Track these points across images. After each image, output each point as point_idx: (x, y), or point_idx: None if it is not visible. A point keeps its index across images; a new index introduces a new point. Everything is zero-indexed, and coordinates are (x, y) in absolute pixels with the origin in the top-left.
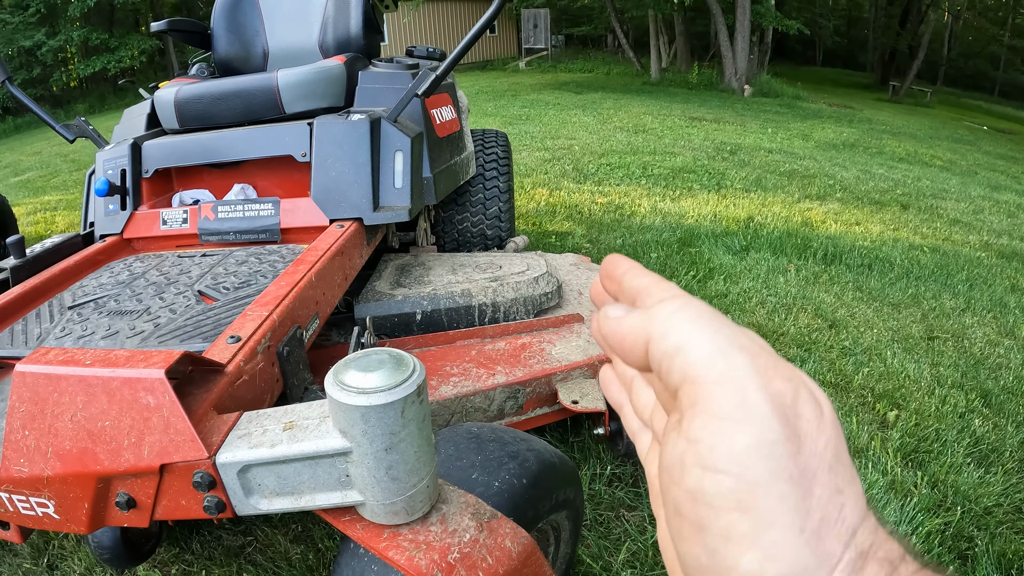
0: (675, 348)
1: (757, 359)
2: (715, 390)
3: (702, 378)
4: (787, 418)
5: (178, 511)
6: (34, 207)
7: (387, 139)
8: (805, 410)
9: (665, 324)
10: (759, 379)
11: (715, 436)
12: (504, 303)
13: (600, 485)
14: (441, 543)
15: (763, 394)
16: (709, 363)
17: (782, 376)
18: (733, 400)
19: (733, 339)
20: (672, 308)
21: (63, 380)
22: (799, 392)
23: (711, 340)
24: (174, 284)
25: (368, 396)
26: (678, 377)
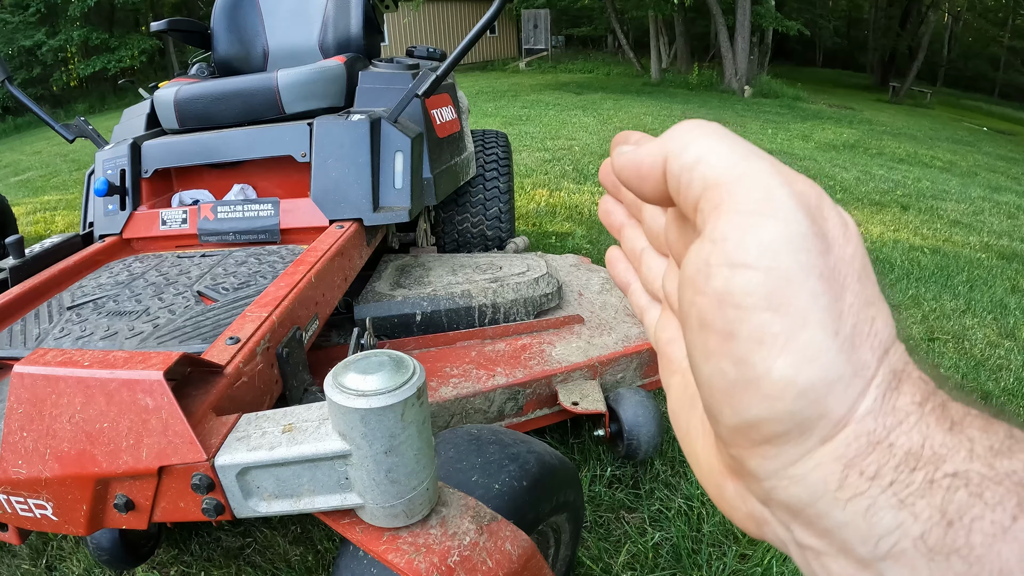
0: (695, 159)
1: (776, 164)
2: (739, 187)
3: (724, 179)
4: (813, 216)
5: (177, 513)
6: (34, 207)
7: (387, 139)
8: (830, 215)
9: (683, 140)
10: (782, 178)
11: (742, 231)
12: (504, 304)
13: (600, 487)
14: (441, 546)
15: (788, 189)
16: (731, 166)
17: (804, 181)
18: (758, 194)
19: (751, 148)
20: (688, 126)
21: (61, 381)
22: (823, 198)
23: (730, 148)
24: (173, 285)
25: (368, 399)
26: (699, 186)
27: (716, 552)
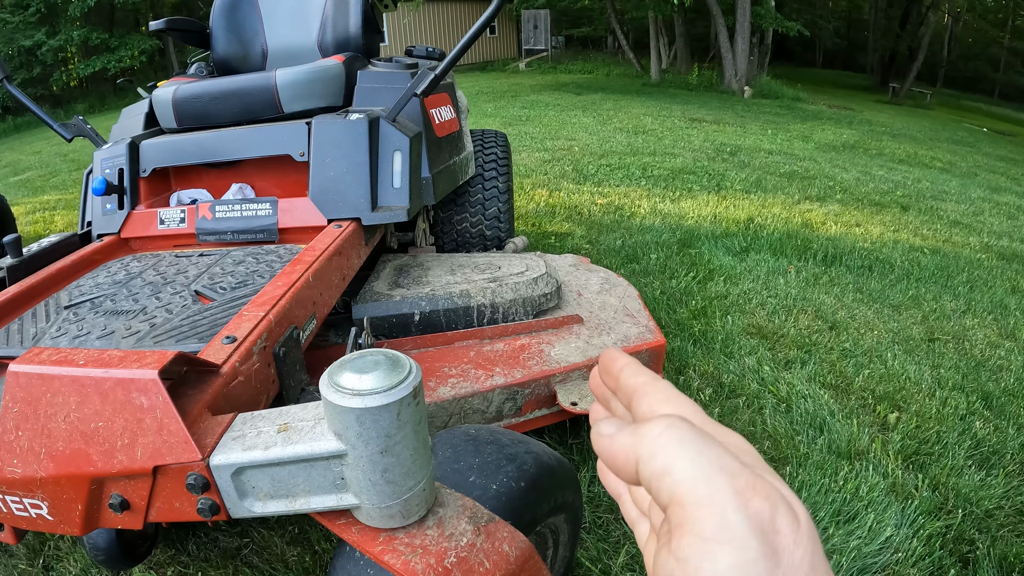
0: (662, 470)
1: (737, 480)
2: (698, 512)
3: (687, 500)
4: (765, 535)
5: (172, 513)
6: (33, 206)
7: (385, 139)
8: (782, 525)
9: (652, 446)
10: (738, 500)
11: (700, 556)
12: (503, 304)
13: (599, 488)
14: (437, 547)
15: (742, 515)
16: (692, 486)
17: (760, 495)
18: (715, 522)
19: (715, 460)
20: (658, 430)
21: (56, 380)
22: (777, 508)
23: (694, 463)
24: (171, 284)
25: (363, 398)
26: (666, 497)
27: None
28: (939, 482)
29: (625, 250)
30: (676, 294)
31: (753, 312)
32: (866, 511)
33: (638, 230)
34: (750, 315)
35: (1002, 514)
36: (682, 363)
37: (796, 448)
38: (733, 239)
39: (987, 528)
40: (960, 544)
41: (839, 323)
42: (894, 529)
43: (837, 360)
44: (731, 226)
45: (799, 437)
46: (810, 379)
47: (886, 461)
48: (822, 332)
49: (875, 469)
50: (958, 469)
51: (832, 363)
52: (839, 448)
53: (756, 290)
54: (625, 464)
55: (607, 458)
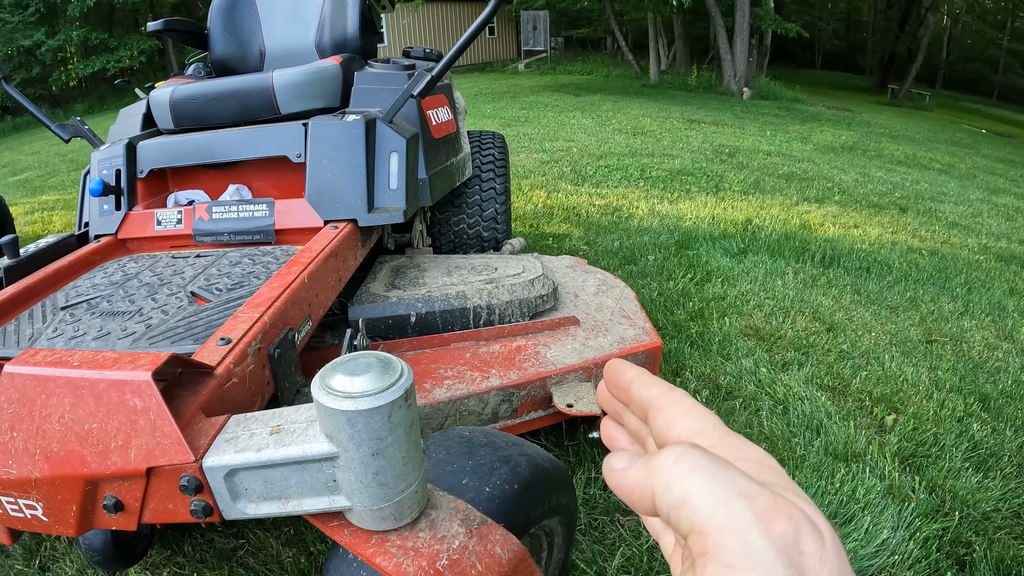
0: (679, 500)
1: (756, 503)
2: (720, 540)
3: (707, 529)
4: (790, 558)
5: (165, 515)
6: (32, 207)
7: (382, 140)
8: (807, 545)
9: (667, 477)
10: (760, 524)
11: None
12: (499, 305)
13: (595, 489)
14: (430, 549)
15: (765, 540)
16: (712, 514)
17: (782, 516)
18: (738, 549)
19: (731, 485)
20: (670, 460)
21: (51, 381)
22: (800, 529)
23: (710, 490)
24: (167, 285)
25: (355, 400)
26: (685, 527)
27: None
28: (936, 484)
29: (623, 251)
30: (674, 295)
31: (751, 314)
32: (863, 513)
33: (636, 231)
34: (748, 317)
35: (999, 516)
36: (679, 365)
37: (793, 450)
38: (731, 240)
39: (984, 530)
40: (957, 547)
41: (837, 325)
42: (891, 531)
43: (834, 362)
44: (729, 227)
45: (796, 439)
46: (807, 381)
47: (883, 463)
48: (820, 334)
49: (872, 471)
50: (955, 471)
51: (829, 365)
52: (836, 450)
53: (754, 291)
54: (641, 499)
55: (622, 494)
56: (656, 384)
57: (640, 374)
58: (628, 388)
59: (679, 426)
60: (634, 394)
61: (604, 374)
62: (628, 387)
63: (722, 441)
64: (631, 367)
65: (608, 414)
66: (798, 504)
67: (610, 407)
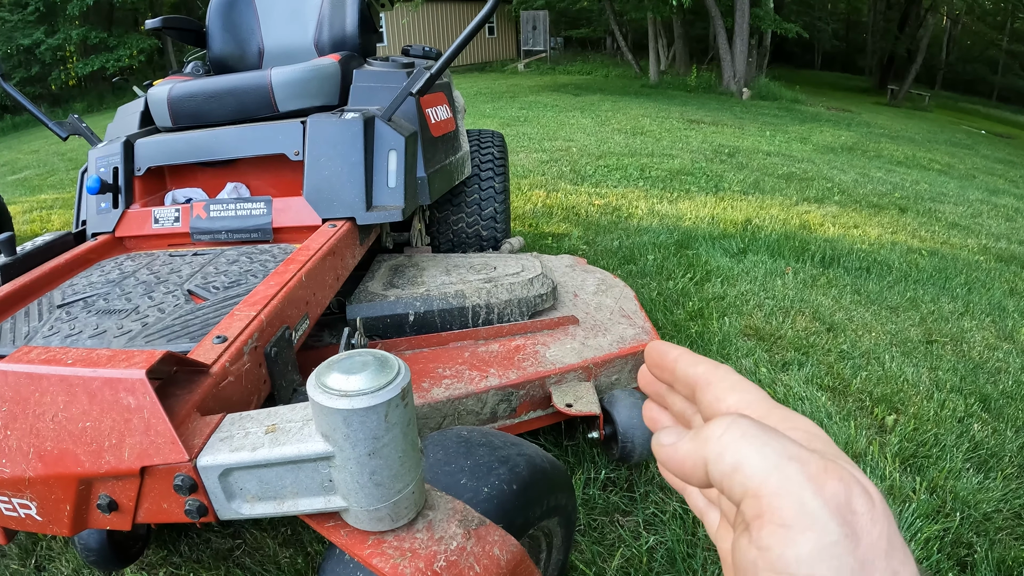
0: (732, 467)
1: (808, 466)
2: (775, 501)
3: (762, 492)
4: (844, 517)
5: (160, 514)
6: (30, 205)
7: (381, 138)
8: (858, 505)
9: (719, 446)
10: (813, 486)
11: (782, 543)
12: (498, 304)
13: (594, 490)
14: (427, 551)
15: (819, 500)
16: (765, 477)
17: (834, 478)
18: (793, 509)
19: (781, 450)
20: (720, 429)
21: (44, 380)
22: (851, 489)
23: (762, 455)
24: (164, 283)
25: (350, 399)
26: (739, 492)
27: (712, 556)
28: (937, 485)
29: (622, 251)
30: (673, 295)
31: (750, 314)
32: None
33: (635, 231)
34: (747, 316)
35: (1000, 517)
36: None
37: None
38: (731, 240)
39: (985, 531)
40: (958, 547)
41: (837, 325)
42: None
43: (835, 362)
44: (729, 227)
45: None
46: (807, 381)
47: (883, 464)
48: (820, 334)
49: (872, 472)
50: (956, 472)
51: (829, 365)
52: None
53: (753, 291)
54: (693, 469)
55: (673, 467)
56: (702, 361)
57: (684, 353)
58: (673, 367)
59: (728, 400)
60: (679, 373)
61: (646, 356)
62: (673, 366)
63: (771, 413)
64: (673, 347)
65: (650, 397)
66: (847, 468)
67: (652, 389)
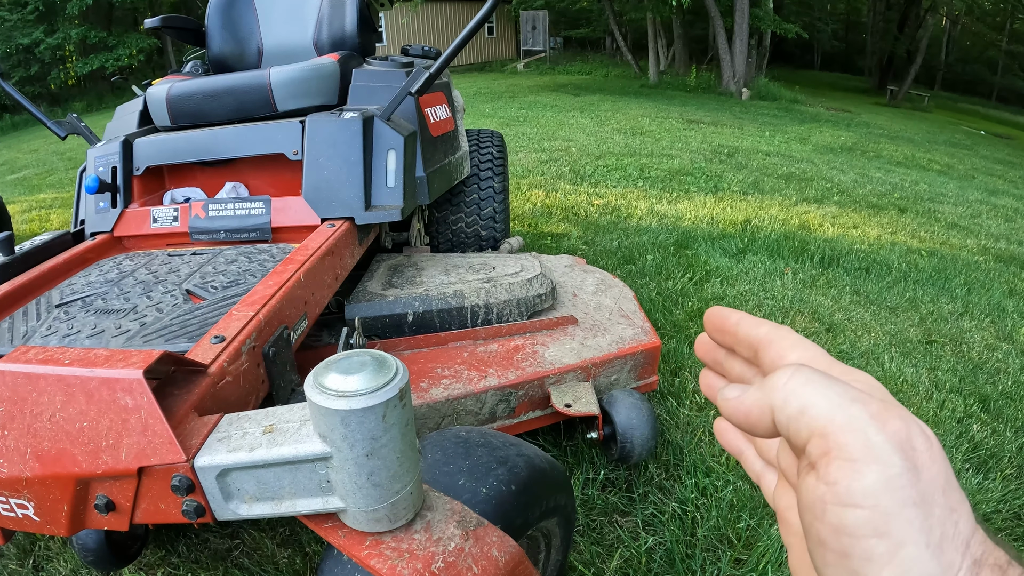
0: (798, 411)
1: (870, 407)
2: (842, 438)
3: (829, 430)
4: (905, 452)
5: (157, 515)
6: (29, 205)
7: (380, 138)
8: (919, 443)
9: (783, 392)
10: (876, 423)
11: (849, 477)
12: (497, 304)
13: (593, 490)
14: (425, 552)
15: (882, 435)
16: (831, 416)
17: (894, 417)
18: (859, 444)
19: (845, 393)
20: (785, 378)
21: (42, 379)
22: (911, 428)
23: (827, 398)
24: (162, 283)
25: (348, 400)
26: (806, 433)
27: (711, 557)
28: None
29: (621, 251)
30: (672, 295)
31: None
32: None
33: (635, 231)
34: None
35: (1000, 518)
36: (678, 365)
37: None
38: (730, 240)
39: None
40: None
41: (836, 325)
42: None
43: None
44: (728, 227)
45: None
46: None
47: None
48: (819, 334)
49: None
50: (955, 472)
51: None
52: None
53: (753, 292)
54: (760, 417)
55: (739, 418)
56: (763, 323)
57: (744, 316)
58: (735, 331)
59: (790, 356)
60: (742, 334)
61: (705, 322)
62: (735, 329)
63: (832, 367)
64: (733, 311)
65: (707, 364)
66: (906, 411)
67: (710, 358)
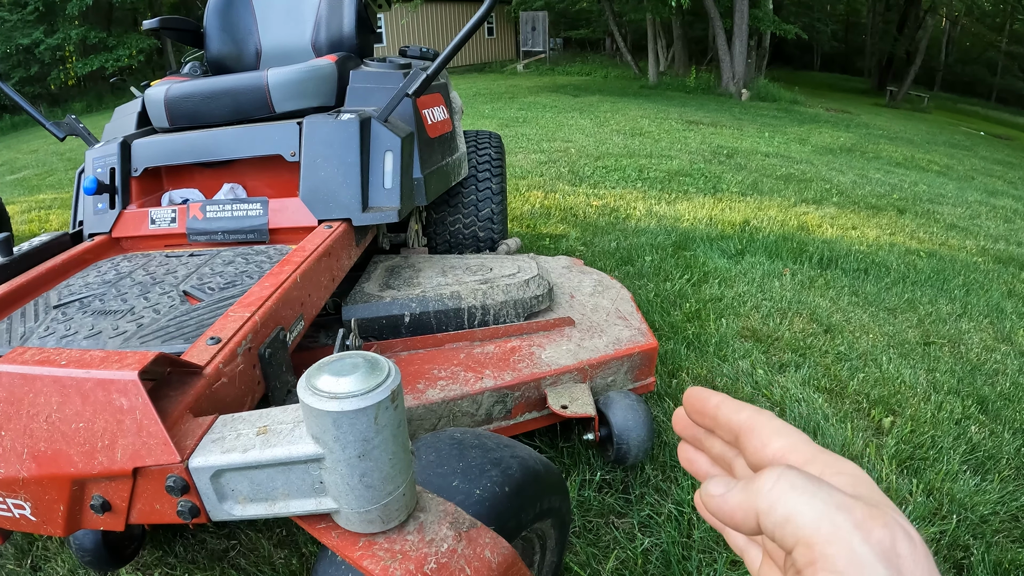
0: (784, 518)
1: (854, 514)
2: (827, 550)
3: (814, 540)
4: (890, 561)
5: (152, 515)
6: (29, 205)
7: (377, 139)
8: (902, 548)
9: (769, 498)
10: (861, 533)
11: None
12: (494, 306)
13: (590, 491)
14: (417, 553)
15: (867, 546)
16: (816, 527)
17: (879, 524)
18: (844, 556)
19: (829, 500)
20: (771, 482)
21: (38, 380)
22: (895, 534)
23: (812, 506)
24: (160, 284)
25: (340, 401)
26: (791, 542)
27: (707, 559)
28: (934, 487)
29: (620, 252)
30: (670, 296)
31: (748, 315)
32: None
33: (633, 232)
34: (745, 318)
35: (997, 520)
36: (675, 366)
37: None
38: (728, 242)
39: (982, 534)
40: (954, 550)
41: (834, 326)
42: None
43: (832, 364)
44: (727, 228)
45: None
46: (804, 383)
47: (880, 466)
48: (817, 335)
49: (869, 474)
50: (953, 474)
51: (827, 367)
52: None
53: (751, 293)
54: (744, 520)
55: (723, 517)
56: (744, 407)
57: (724, 399)
58: (715, 414)
59: (773, 444)
60: (722, 419)
61: (684, 402)
62: (715, 413)
63: (816, 457)
64: (713, 394)
65: (685, 440)
66: (890, 514)
67: (688, 433)
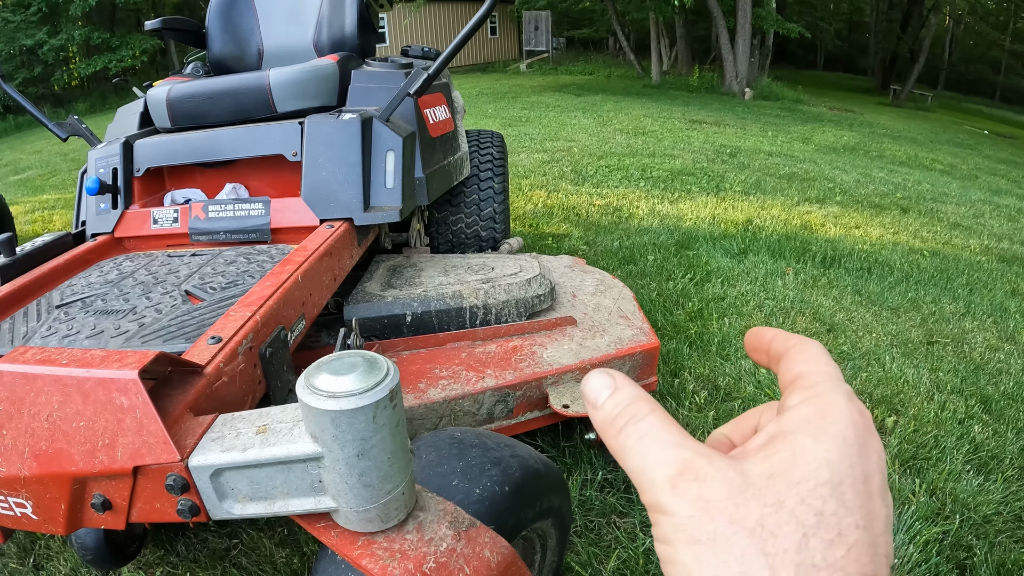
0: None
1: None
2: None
3: (807, 377)
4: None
5: (153, 514)
6: (32, 206)
7: (379, 139)
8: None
9: (792, 342)
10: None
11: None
12: (496, 305)
13: (591, 491)
14: (417, 552)
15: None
16: (812, 371)
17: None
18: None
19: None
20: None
21: (39, 379)
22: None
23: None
24: (162, 284)
25: (338, 400)
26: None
27: None
28: (937, 487)
29: (622, 251)
30: (673, 296)
31: (750, 314)
32: None
33: (636, 231)
34: (747, 317)
35: (1000, 520)
36: (678, 365)
37: None
38: (731, 241)
39: (985, 534)
40: (957, 550)
41: (837, 325)
42: None
43: None
44: (730, 228)
45: None
46: None
47: None
48: (820, 334)
49: None
50: (956, 474)
51: None
52: None
53: (754, 292)
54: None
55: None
56: (794, 337)
57: (779, 333)
58: (768, 349)
59: (800, 367)
60: (772, 351)
61: (745, 344)
62: (768, 347)
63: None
64: (770, 330)
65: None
66: None
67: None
